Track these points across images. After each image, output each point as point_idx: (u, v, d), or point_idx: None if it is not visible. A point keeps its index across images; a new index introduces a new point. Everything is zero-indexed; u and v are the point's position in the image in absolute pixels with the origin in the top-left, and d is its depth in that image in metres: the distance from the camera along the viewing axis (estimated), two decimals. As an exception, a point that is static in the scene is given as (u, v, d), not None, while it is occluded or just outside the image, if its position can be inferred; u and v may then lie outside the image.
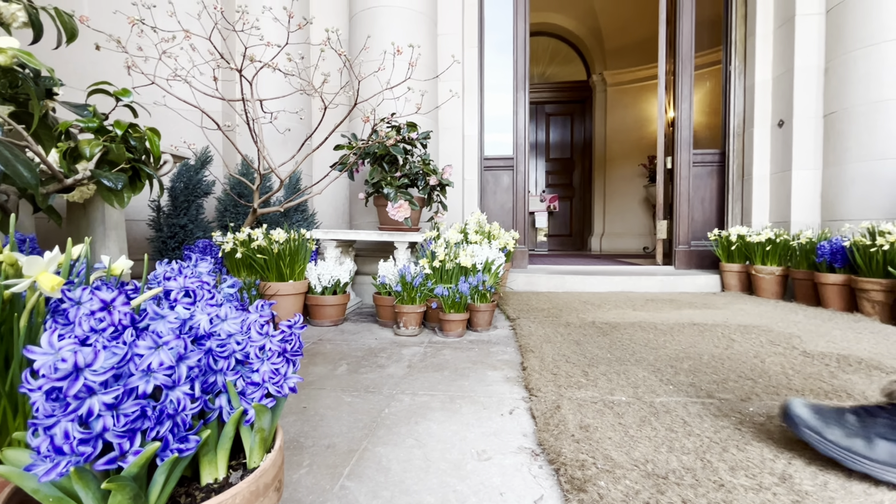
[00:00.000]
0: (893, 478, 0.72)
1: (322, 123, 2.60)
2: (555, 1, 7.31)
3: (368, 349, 1.68)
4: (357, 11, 2.91)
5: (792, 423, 0.82)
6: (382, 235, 2.24)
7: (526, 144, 3.61)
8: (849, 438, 0.75)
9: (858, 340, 1.67)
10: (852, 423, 0.77)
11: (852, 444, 0.75)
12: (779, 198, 3.03)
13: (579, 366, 1.37)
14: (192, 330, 0.43)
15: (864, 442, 0.74)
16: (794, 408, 0.83)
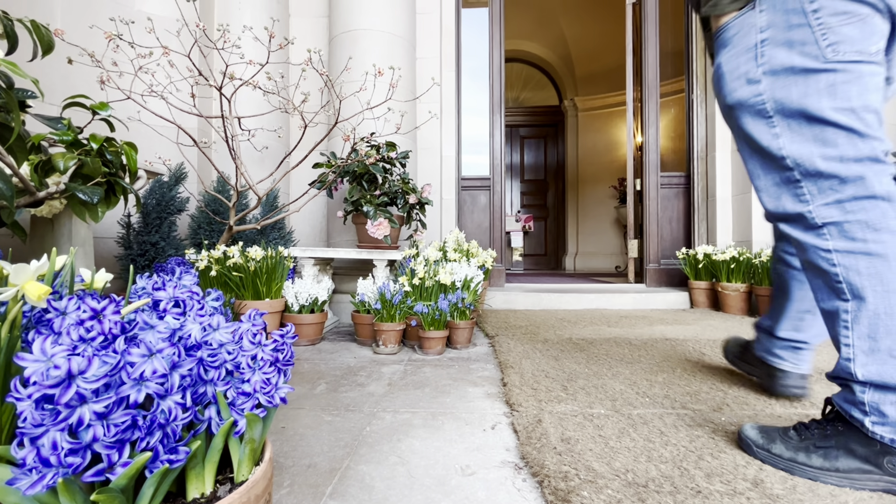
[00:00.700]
0: (832, 480, 0.80)
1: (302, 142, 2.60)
2: (528, 30, 7.62)
3: (347, 368, 1.65)
4: (337, 34, 2.96)
5: (745, 444, 0.92)
6: (361, 253, 2.24)
7: (502, 165, 3.70)
8: (791, 451, 0.85)
9: (818, 352, 1.76)
10: (793, 438, 0.87)
11: (795, 455, 0.85)
12: (741, 218, 3.20)
13: (558, 380, 1.39)
14: (182, 340, 0.42)
15: (804, 453, 0.84)
16: (745, 431, 0.93)
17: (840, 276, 0.85)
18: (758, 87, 0.91)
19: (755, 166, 0.98)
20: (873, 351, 0.83)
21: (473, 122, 3.83)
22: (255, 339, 0.45)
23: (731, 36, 0.96)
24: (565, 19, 7.27)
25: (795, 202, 0.91)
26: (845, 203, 0.85)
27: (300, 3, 3.38)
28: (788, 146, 0.89)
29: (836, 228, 0.86)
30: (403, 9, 3.01)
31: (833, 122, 0.84)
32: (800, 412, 1.13)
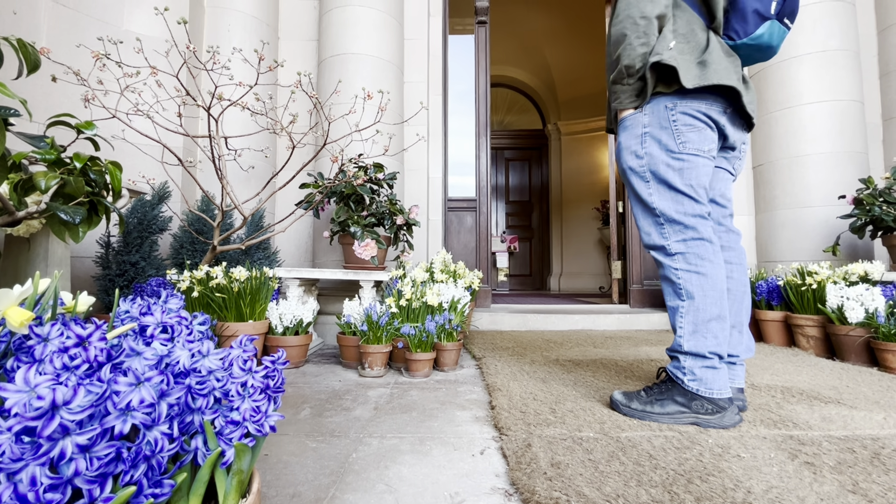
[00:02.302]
0: (665, 420, 1.23)
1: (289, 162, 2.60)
2: (512, 56, 7.85)
3: (332, 391, 1.62)
4: (326, 57, 3.01)
5: (614, 404, 1.33)
6: (348, 274, 2.22)
7: (488, 187, 3.75)
8: (643, 405, 1.27)
9: (798, 373, 1.79)
10: (643, 396, 1.29)
11: (646, 407, 1.26)
12: (720, 240, 3.28)
13: (546, 403, 1.38)
14: (169, 367, 0.41)
15: (649, 405, 1.26)
16: (614, 395, 1.34)
17: (681, 286, 1.28)
18: (641, 161, 1.33)
19: (639, 212, 1.38)
20: (694, 333, 1.25)
21: (460, 144, 3.90)
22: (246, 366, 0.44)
23: (628, 125, 1.36)
24: (548, 47, 7.52)
25: (660, 238, 1.32)
26: (687, 241, 1.28)
27: (290, 27, 3.43)
28: (658, 202, 1.31)
29: (681, 256, 1.29)
30: (392, 34, 3.08)
31: (682, 191, 1.28)
32: (783, 433, 1.14)
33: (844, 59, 2.81)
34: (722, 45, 1.28)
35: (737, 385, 1.35)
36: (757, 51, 1.30)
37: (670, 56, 1.24)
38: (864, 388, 1.57)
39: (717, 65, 1.24)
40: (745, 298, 1.41)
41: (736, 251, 1.43)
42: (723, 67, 1.24)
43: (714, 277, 1.25)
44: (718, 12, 1.28)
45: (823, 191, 2.73)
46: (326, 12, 3.05)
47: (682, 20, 1.30)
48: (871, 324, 1.92)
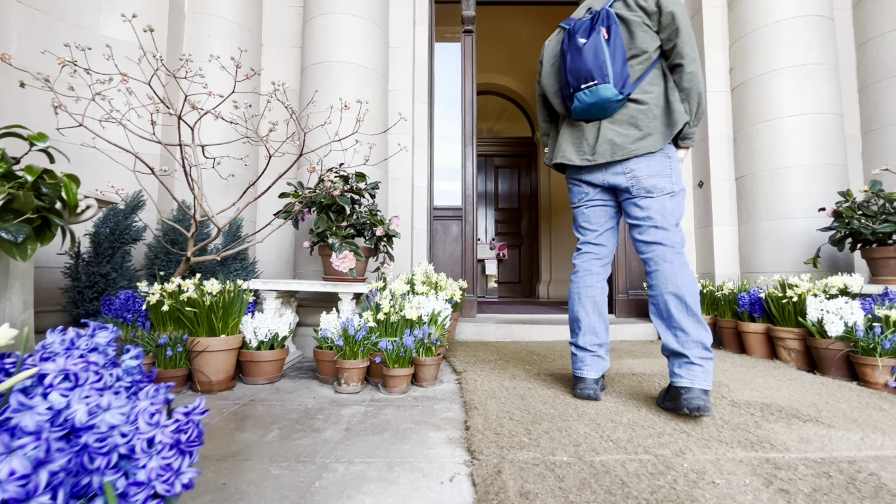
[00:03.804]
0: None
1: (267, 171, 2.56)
2: (501, 64, 7.89)
3: (305, 410, 1.57)
4: (309, 65, 2.97)
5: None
6: (326, 286, 2.17)
7: (474, 195, 3.73)
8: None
9: (779, 388, 1.78)
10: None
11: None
12: (703, 251, 3.29)
13: (523, 423, 1.35)
14: (68, 421, 0.37)
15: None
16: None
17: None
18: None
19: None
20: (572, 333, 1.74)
21: (448, 150, 3.87)
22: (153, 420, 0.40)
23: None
24: (537, 56, 7.55)
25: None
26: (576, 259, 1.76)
27: (273, 34, 3.39)
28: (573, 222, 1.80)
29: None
30: (376, 42, 3.05)
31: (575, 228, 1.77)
32: (760, 455, 1.12)
33: (824, 72, 2.85)
34: (570, 124, 1.68)
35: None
36: (587, 112, 1.55)
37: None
38: (843, 404, 1.56)
39: (561, 143, 1.71)
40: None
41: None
42: (564, 144, 1.69)
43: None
44: (559, 108, 1.71)
45: (804, 203, 2.75)
46: (310, 19, 3.02)
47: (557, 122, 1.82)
48: (851, 338, 1.92)
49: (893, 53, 3.05)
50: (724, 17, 3.29)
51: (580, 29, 1.50)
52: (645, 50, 1.51)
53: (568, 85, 1.53)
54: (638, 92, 1.52)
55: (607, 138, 1.54)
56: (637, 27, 1.50)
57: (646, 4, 1.50)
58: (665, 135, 1.50)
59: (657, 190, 1.52)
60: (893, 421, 1.39)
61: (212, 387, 1.79)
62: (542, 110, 1.83)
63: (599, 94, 1.47)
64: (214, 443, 1.25)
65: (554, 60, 1.69)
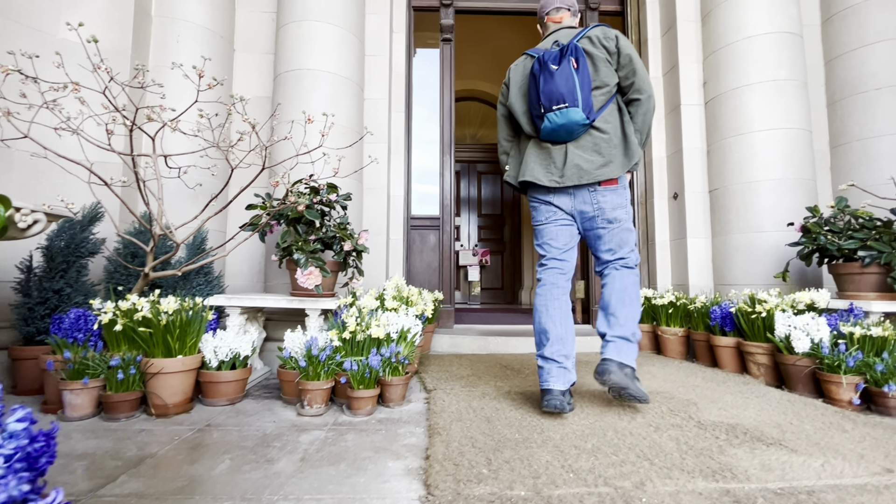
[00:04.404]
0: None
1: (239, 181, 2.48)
2: (485, 71, 7.91)
3: (262, 436, 1.51)
4: (281, 72, 2.91)
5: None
6: (292, 302, 2.11)
7: (452, 204, 3.70)
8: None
9: (746, 406, 1.78)
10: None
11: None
12: (678, 262, 3.31)
13: (485, 451, 1.31)
14: None
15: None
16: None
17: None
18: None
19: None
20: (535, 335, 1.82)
21: (432, 153, 3.82)
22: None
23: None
24: (519, 63, 7.57)
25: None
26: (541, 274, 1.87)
27: (246, 39, 3.31)
28: (534, 240, 1.92)
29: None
30: (351, 50, 3.01)
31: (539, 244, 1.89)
32: (720, 486, 1.10)
33: (793, 88, 2.89)
34: (537, 145, 1.79)
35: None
36: (555, 133, 1.68)
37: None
38: (808, 424, 1.56)
39: (528, 163, 1.79)
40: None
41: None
42: (532, 164, 1.77)
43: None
44: (527, 128, 1.81)
45: (775, 216, 2.78)
46: (283, 26, 2.96)
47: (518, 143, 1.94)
48: (817, 354, 1.94)
49: (859, 71, 3.12)
50: (698, 32, 3.33)
51: (551, 57, 1.65)
52: (607, 83, 1.69)
53: (539, 105, 1.66)
54: (600, 121, 1.69)
55: (574, 163, 1.68)
56: (601, 62, 1.69)
57: (607, 44, 1.70)
58: (624, 164, 1.69)
59: (617, 221, 1.73)
60: (854, 443, 1.39)
61: (167, 410, 1.71)
62: (505, 129, 1.96)
63: (569, 116, 1.61)
64: (159, 477, 1.19)
65: (522, 83, 1.81)
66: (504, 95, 1.91)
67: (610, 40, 1.70)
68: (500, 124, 1.97)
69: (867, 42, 3.13)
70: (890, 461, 1.25)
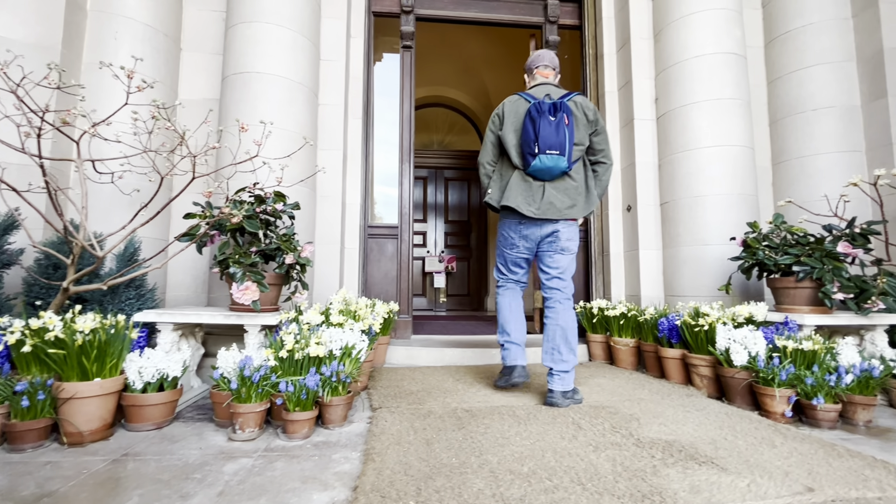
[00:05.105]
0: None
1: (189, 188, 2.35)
2: (452, 78, 7.93)
3: (183, 466, 1.40)
4: (229, 74, 2.79)
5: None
6: (230, 318, 2.00)
7: (411, 212, 3.65)
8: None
9: (686, 421, 1.80)
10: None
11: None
12: (631, 274, 3.38)
13: (417, 479, 1.26)
14: None
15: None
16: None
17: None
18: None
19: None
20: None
21: (393, 155, 3.75)
22: None
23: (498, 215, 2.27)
24: (487, 72, 7.65)
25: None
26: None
27: (194, 39, 3.17)
28: (497, 258, 2.33)
29: None
30: (304, 55, 2.92)
31: (503, 266, 2.31)
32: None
33: (737, 107, 3.01)
34: (521, 177, 2.09)
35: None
36: (541, 171, 2.00)
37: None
38: (741, 440, 1.60)
39: (511, 191, 2.09)
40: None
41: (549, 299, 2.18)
42: (515, 193, 2.08)
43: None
44: (515, 160, 2.10)
45: (720, 230, 2.87)
46: (231, 26, 2.84)
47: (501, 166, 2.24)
48: (753, 367, 1.99)
49: (798, 92, 3.28)
50: (651, 49, 3.42)
51: (547, 108, 1.98)
52: (583, 142, 2.07)
53: (535, 146, 1.96)
54: (573, 171, 2.07)
55: (549, 200, 2.04)
56: (581, 124, 2.06)
57: (587, 113, 2.08)
58: (584, 209, 2.09)
59: (568, 251, 2.11)
60: (782, 460, 1.42)
61: (82, 438, 1.57)
62: (490, 154, 2.22)
63: (557, 161, 1.96)
64: (52, 521, 1.07)
65: (516, 121, 2.10)
66: (495, 125, 2.19)
67: (589, 110, 2.09)
68: (487, 148, 2.22)
69: (805, 65, 3.30)
70: (812, 479, 1.28)
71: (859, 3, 3.23)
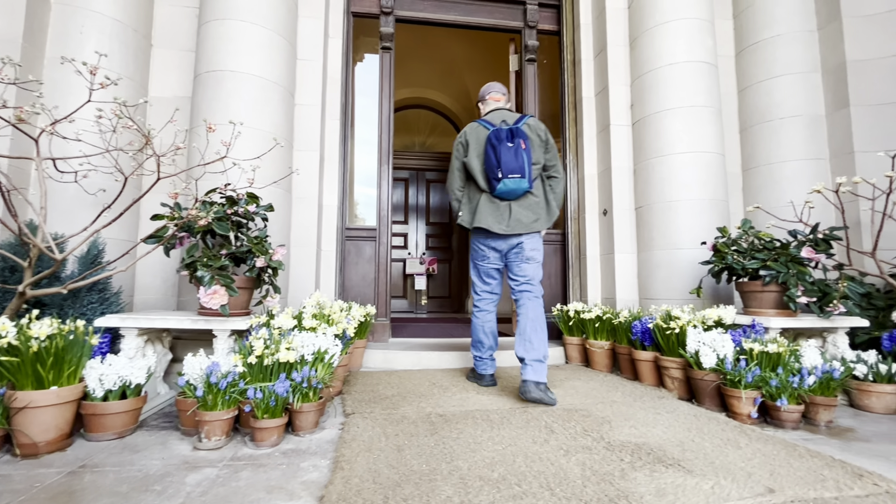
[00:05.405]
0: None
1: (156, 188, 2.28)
2: (434, 80, 7.93)
3: (143, 478, 1.35)
4: (202, 72, 2.72)
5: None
6: (197, 322, 1.95)
7: (389, 215, 3.63)
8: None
9: (656, 423, 1.83)
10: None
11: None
12: (607, 277, 3.42)
13: (385, 488, 1.24)
14: None
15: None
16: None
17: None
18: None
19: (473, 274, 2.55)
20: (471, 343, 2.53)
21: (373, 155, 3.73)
22: None
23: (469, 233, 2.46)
24: (469, 74, 7.67)
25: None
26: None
27: (166, 35, 3.09)
28: (472, 272, 2.54)
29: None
30: (280, 54, 2.87)
31: (478, 279, 2.54)
32: None
33: (709, 115, 3.08)
34: (489, 199, 2.30)
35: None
36: (505, 193, 2.22)
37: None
38: (707, 442, 1.63)
39: (481, 213, 2.30)
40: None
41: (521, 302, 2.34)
42: (485, 214, 2.29)
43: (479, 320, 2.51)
44: (482, 184, 2.31)
45: (691, 235, 2.94)
46: (204, 23, 2.78)
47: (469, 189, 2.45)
48: (721, 369, 2.04)
49: (766, 101, 3.38)
50: (627, 56, 3.48)
51: (505, 135, 2.19)
52: (539, 161, 2.30)
53: (498, 171, 2.17)
54: (534, 188, 2.30)
55: (516, 217, 2.26)
56: (536, 145, 2.29)
57: (539, 134, 2.32)
58: (546, 221, 2.33)
59: (534, 259, 2.32)
60: (746, 461, 1.45)
61: (37, 450, 1.51)
62: (458, 180, 2.45)
63: (519, 184, 2.19)
64: (-3, 539, 1.02)
65: (478, 148, 2.31)
66: (460, 152, 2.40)
67: (541, 131, 2.32)
68: (454, 175, 2.45)
69: (774, 75, 3.41)
70: (773, 479, 1.31)
71: (824, 17, 3.35)
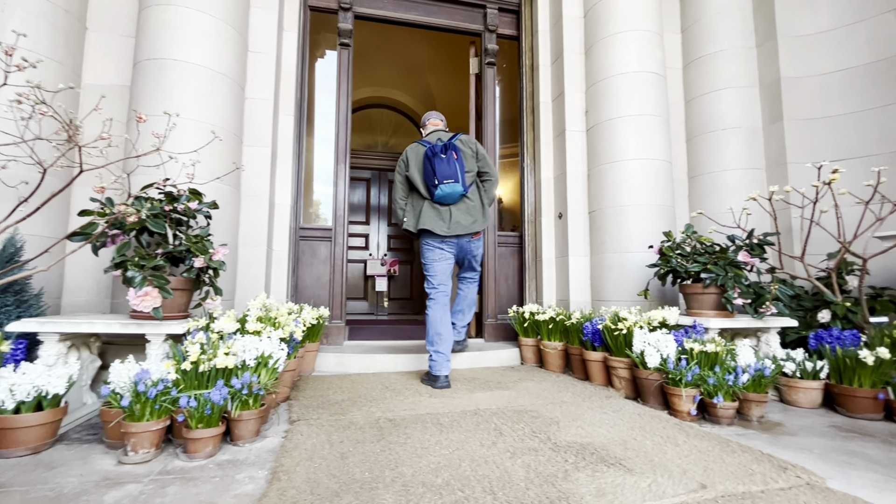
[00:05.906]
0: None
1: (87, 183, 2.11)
2: (397, 80, 7.86)
3: (54, 498, 1.24)
4: (142, 59, 2.56)
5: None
6: (128, 326, 1.82)
7: (346, 215, 3.55)
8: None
9: (602, 423, 1.87)
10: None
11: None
12: (562, 279, 3.49)
13: (323, 498, 1.19)
14: None
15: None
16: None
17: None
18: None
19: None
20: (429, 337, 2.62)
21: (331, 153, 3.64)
22: None
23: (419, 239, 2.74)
24: (431, 76, 7.65)
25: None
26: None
27: (103, 18, 2.88)
28: (425, 270, 2.73)
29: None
30: (228, 44, 2.74)
31: (431, 275, 2.70)
32: None
33: (657, 123, 3.20)
34: (431, 205, 2.60)
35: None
36: (444, 197, 2.54)
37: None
38: (648, 440, 1.67)
39: (424, 217, 2.59)
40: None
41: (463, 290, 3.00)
42: (428, 218, 2.58)
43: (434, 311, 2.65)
44: (423, 192, 2.61)
45: (640, 238, 3.04)
46: (146, 8, 2.61)
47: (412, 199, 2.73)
48: (664, 369, 2.11)
49: (710, 112, 3.56)
50: (583, 63, 3.57)
51: (440, 149, 2.53)
52: (472, 170, 2.65)
53: (435, 178, 2.49)
54: (470, 193, 2.64)
55: (456, 220, 2.59)
56: (467, 157, 2.64)
57: (471, 146, 2.68)
58: (483, 223, 2.67)
59: (477, 258, 2.81)
60: (682, 458, 1.50)
61: (-69, 470, 1.35)
62: (401, 191, 2.74)
63: (454, 188, 2.51)
64: None
65: (418, 162, 2.62)
66: (402, 168, 2.70)
67: (472, 144, 2.69)
68: (398, 187, 2.74)
69: (717, 88, 3.60)
70: (706, 475, 1.36)
71: (762, 35, 3.56)
